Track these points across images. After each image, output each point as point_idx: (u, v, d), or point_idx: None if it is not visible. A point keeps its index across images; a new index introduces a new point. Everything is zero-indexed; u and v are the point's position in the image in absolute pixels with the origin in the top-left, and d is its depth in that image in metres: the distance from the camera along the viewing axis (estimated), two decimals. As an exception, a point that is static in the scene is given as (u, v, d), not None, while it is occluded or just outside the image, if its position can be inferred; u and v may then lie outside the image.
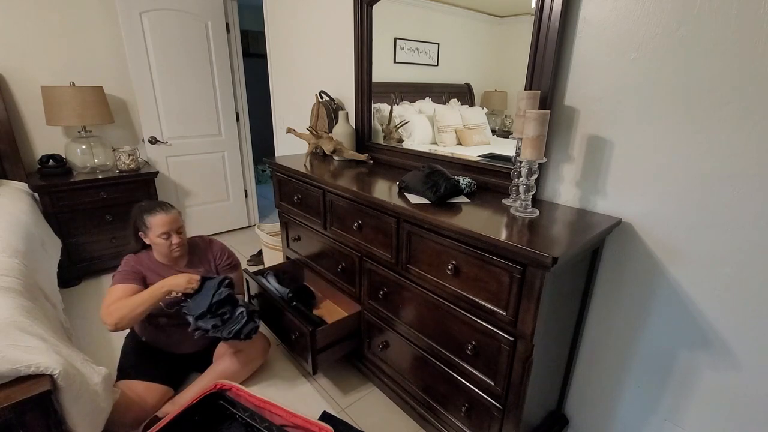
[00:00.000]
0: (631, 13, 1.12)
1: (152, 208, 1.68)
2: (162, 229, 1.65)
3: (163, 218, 1.66)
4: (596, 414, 1.50)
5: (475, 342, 1.24)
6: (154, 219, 1.65)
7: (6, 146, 2.54)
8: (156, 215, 1.66)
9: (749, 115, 0.98)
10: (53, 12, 2.66)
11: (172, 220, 1.68)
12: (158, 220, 1.65)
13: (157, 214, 1.66)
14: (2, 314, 1.19)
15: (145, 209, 1.69)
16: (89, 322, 2.27)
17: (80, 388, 1.13)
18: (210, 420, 1.48)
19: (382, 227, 1.47)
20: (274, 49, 2.93)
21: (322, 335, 1.64)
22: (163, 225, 1.66)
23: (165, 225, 1.66)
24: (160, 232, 1.65)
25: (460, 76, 1.71)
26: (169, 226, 1.67)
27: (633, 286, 1.29)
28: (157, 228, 1.65)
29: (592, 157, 1.28)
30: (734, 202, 1.04)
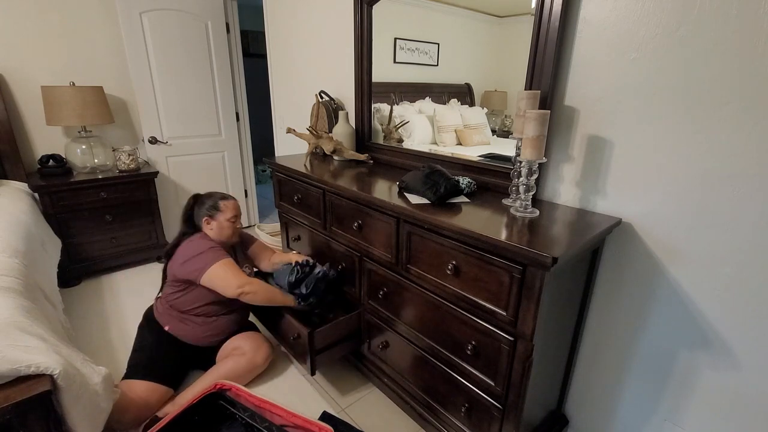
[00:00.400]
0: (631, 13, 1.12)
1: (224, 195, 1.87)
2: (233, 213, 1.83)
3: (235, 204, 1.86)
4: (596, 414, 1.50)
5: (475, 342, 1.24)
6: (228, 203, 1.83)
7: (6, 146, 2.54)
8: (229, 200, 1.85)
9: (749, 115, 0.98)
10: (53, 12, 2.66)
11: (239, 206, 1.89)
12: (232, 204, 1.84)
13: (229, 200, 1.85)
14: (2, 314, 1.19)
15: (215, 196, 1.85)
16: (89, 322, 2.27)
17: (80, 388, 1.13)
18: (210, 420, 1.48)
19: (382, 227, 1.47)
20: (274, 49, 2.93)
21: (321, 336, 1.64)
22: (235, 209, 1.85)
23: (236, 209, 1.86)
24: (231, 215, 1.82)
25: (460, 76, 1.71)
26: (238, 210, 1.87)
27: (633, 286, 1.29)
28: (229, 212, 1.82)
29: (592, 157, 1.28)
30: (734, 202, 1.04)
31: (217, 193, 1.88)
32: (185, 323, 1.77)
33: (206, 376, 1.72)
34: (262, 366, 1.84)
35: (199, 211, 1.82)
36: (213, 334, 1.81)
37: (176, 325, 1.77)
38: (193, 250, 1.73)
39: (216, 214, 1.80)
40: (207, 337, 1.80)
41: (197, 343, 1.79)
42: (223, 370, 1.73)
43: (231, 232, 1.83)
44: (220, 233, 1.81)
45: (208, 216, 1.80)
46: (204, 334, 1.79)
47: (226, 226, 1.81)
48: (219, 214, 1.80)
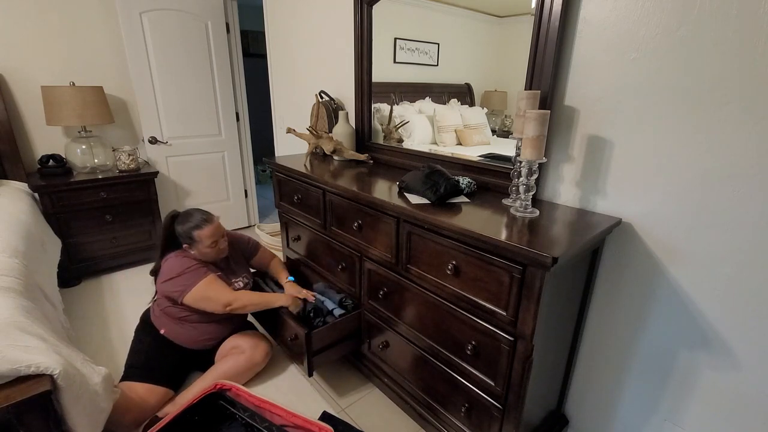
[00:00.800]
0: (631, 13, 1.12)
1: (198, 223, 1.69)
2: (211, 239, 1.70)
3: (210, 230, 1.70)
4: (596, 414, 1.50)
5: (475, 342, 1.24)
6: (202, 233, 1.68)
7: (6, 146, 2.54)
8: (204, 228, 1.69)
9: (749, 115, 0.98)
10: (53, 12, 2.66)
11: (217, 229, 1.74)
12: (207, 233, 1.69)
13: (204, 227, 1.69)
14: (2, 314, 1.19)
15: (191, 225, 1.69)
16: (89, 322, 2.27)
17: (80, 388, 1.13)
18: (210, 420, 1.48)
19: (382, 227, 1.47)
20: (274, 49, 2.93)
21: (318, 338, 1.64)
22: (212, 236, 1.71)
23: (213, 235, 1.71)
24: (209, 242, 1.70)
25: (460, 76, 1.71)
26: (217, 234, 1.73)
27: (633, 286, 1.29)
28: (206, 240, 1.69)
29: (592, 157, 1.28)
30: (734, 202, 1.04)
31: (195, 215, 1.73)
32: (181, 327, 1.76)
33: (206, 376, 1.72)
34: (262, 364, 1.84)
35: (178, 233, 1.73)
36: (209, 338, 1.80)
37: (172, 329, 1.76)
38: (175, 270, 1.68)
39: (193, 244, 1.71)
40: (203, 341, 1.79)
41: (193, 346, 1.78)
42: (222, 370, 1.73)
43: (214, 255, 1.75)
44: (204, 256, 1.74)
45: (187, 244, 1.72)
46: (200, 338, 1.78)
47: (207, 252, 1.72)
48: (197, 244, 1.70)
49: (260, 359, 1.82)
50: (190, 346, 1.78)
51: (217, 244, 1.74)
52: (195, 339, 1.77)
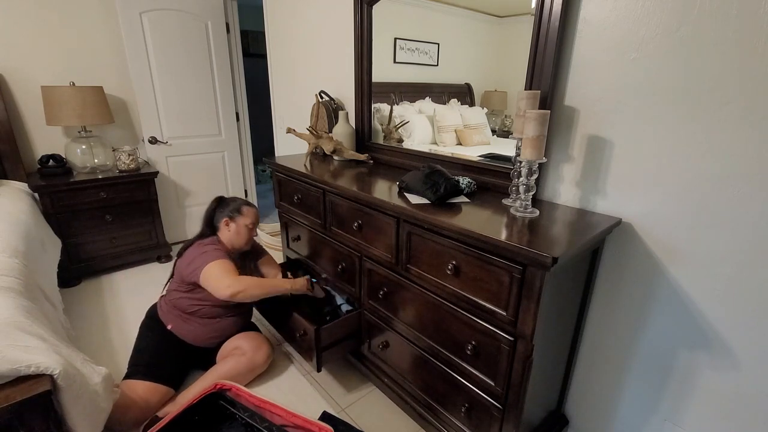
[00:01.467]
0: (631, 13, 1.12)
1: (248, 202, 1.94)
2: (252, 220, 1.90)
3: (256, 212, 1.93)
4: (596, 414, 1.50)
5: (475, 342, 1.24)
6: (250, 210, 1.91)
7: (6, 146, 2.54)
8: (252, 208, 1.92)
9: (749, 115, 0.98)
10: (53, 12, 2.66)
11: (258, 216, 1.95)
12: (253, 212, 1.91)
13: (252, 207, 1.92)
14: (2, 314, 1.19)
15: (239, 200, 1.93)
16: (89, 322, 2.27)
17: (80, 388, 1.13)
18: (210, 420, 1.48)
19: (382, 227, 1.47)
20: (274, 49, 2.93)
21: (327, 333, 1.65)
22: (255, 216, 1.92)
23: (256, 217, 1.92)
24: (250, 221, 1.88)
25: (460, 76, 1.71)
26: (257, 219, 1.94)
27: (633, 286, 1.29)
28: (248, 218, 1.88)
29: (592, 157, 1.28)
30: (734, 202, 1.04)
31: (241, 198, 1.97)
32: (188, 323, 1.77)
33: (207, 376, 1.72)
34: (263, 366, 1.84)
35: (221, 213, 1.88)
36: (215, 336, 1.81)
37: (179, 325, 1.77)
38: (199, 251, 1.75)
39: (237, 216, 1.86)
40: (209, 339, 1.80)
41: (199, 344, 1.79)
42: (223, 370, 1.73)
43: (247, 238, 1.89)
44: (236, 236, 1.86)
45: (228, 217, 1.86)
46: (206, 336, 1.79)
47: (244, 231, 1.87)
48: (240, 218, 1.86)
49: (261, 361, 1.82)
50: (196, 343, 1.78)
51: (254, 229, 1.91)
52: (201, 336, 1.78)
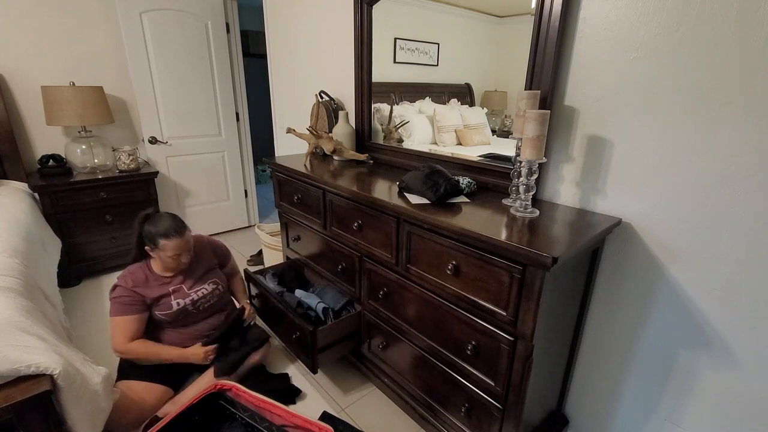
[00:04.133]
0: (631, 13, 1.12)
1: (167, 232, 1.63)
2: (174, 252, 1.65)
3: (178, 243, 1.64)
4: (596, 414, 1.50)
5: (475, 342, 1.24)
6: (169, 243, 1.63)
7: (6, 146, 2.54)
8: (171, 240, 1.63)
9: (750, 115, 0.98)
10: (53, 12, 2.66)
11: (185, 244, 1.68)
12: (173, 245, 1.64)
13: (172, 239, 1.63)
14: (2, 314, 1.19)
15: (159, 231, 1.63)
16: (89, 322, 2.27)
17: (80, 388, 1.13)
18: (210, 420, 1.48)
19: (382, 227, 1.47)
20: (274, 49, 2.93)
21: (323, 335, 1.64)
22: (177, 249, 1.65)
23: (178, 249, 1.66)
24: (172, 254, 1.65)
25: (460, 76, 1.71)
26: (182, 248, 1.67)
27: (633, 285, 1.29)
28: (170, 251, 1.64)
29: (592, 157, 1.28)
30: (734, 202, 1.04)
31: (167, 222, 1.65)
32: (162, 332, 1.74)
33: (206, 376, 1.72)
34: (260, 362, 1.84)
35: (145, 232, 1.66)
36: (196, 337, 1.77)
37: (158, 334, 1.74)
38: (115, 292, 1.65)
39: (155, 249, 1.66)
40: (191, 340, 1.75)
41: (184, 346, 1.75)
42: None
43: (175, 266, 1.70)
44: (164, 264, 1.70)
45: (150, 245, 1.67)
46: (185, 341, 1.74)
47: (168, 261, 1.67)
48: (158, 250, 1.65)
49: (258, 357, 1.82)
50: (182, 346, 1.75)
51: (179, 258, 1.68)
52: (180, 341, 1.74)
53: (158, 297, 1.68)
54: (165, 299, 1.70)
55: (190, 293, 1.76)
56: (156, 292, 1.68)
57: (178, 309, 1.71)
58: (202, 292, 1.79)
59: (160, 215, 1.69)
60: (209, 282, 1.84)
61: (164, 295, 1.70)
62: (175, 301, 1.71)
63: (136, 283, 1.66)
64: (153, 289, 1.68)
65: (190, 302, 1.74)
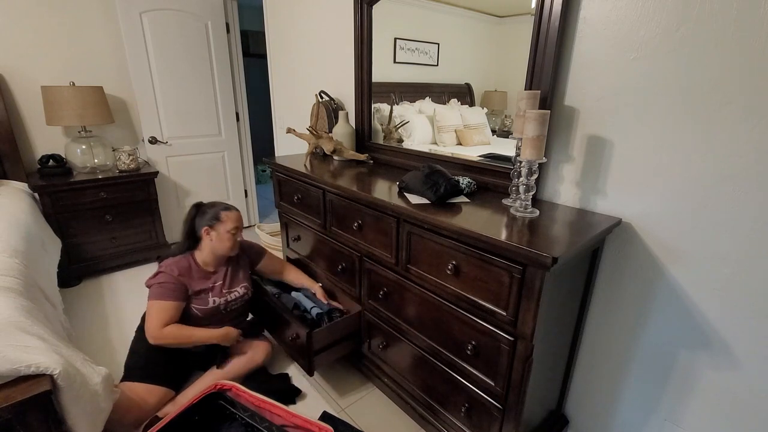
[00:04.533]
0: (631, 13, 1.12)
1: (226, 205, 1.78)
2: (234, 224, 1.74)
3: (237, 215, 1.78)
4: (596, 414, 1.50)
5: (475, 342, 1.24)
6: (230, 214, 1.75)
7: (6, 146, 2.54)
8: (232, 211, 1.76)
9: (750, 115, 0.98)
10: (53, 12, 2.66)
11: (241, 218, 1.80)
12: (234, 216, 1.76)
13: (232, 211, 1.77)
14: (2, 314, 1.19)
15: (218, 206, 1.76)
16: (89, 322, 2.27)
17: (80, 388, 1.13)
18: (210, 420, 1.48)
19: (382, 227, 1.47)
20: (274, 49, 2.93)
21: (319, 337, 1.64)
22: (237, 221, 1.76)
23: (238, 221, 1.77)
24: (232, 227, 1.74)
25: (460, 76, 1.71)
26: (240, 222, 1.78)
27: (633, 286, 1.29)
28: (230, 223, 1.73)
29: (592, 157, 1.28)
30: (734, 202, 1.04)
31: (220, 203, 1.80)
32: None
33: (206, 376, 1.72)
34: (262, 364, 1.84)
35: (201, 221, 1.74)
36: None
37: None
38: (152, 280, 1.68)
39: (216, 224, 1.72)
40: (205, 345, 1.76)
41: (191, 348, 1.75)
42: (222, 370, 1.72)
43: (231, 244, 1.76)
44: (219, 244, 1.74)
45: (208, 226, 1.72)
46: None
47: (226, 237, 1.73)
48: (219, 225, 1.72)
49: (260, 360, 1.82)
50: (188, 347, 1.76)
51: (237, 233, 1.77)
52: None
53: (199, 290, 1.72)
54: (204, 294, 1.73)
55: (225, 294, 1.79)
56: (198, 285, 1.72)
57: (213, 306, 1.74)
58: (234, 295, 1.82)
59: (210, 202, 1.81)
60: (242, 286, 1.87)
61: (204, 289, 1.74)
62: (212, 298, 1.74)
63: (181, 271, 1.71)
64: (196, 281, 1.73)
65: (224, 302, 1.77)
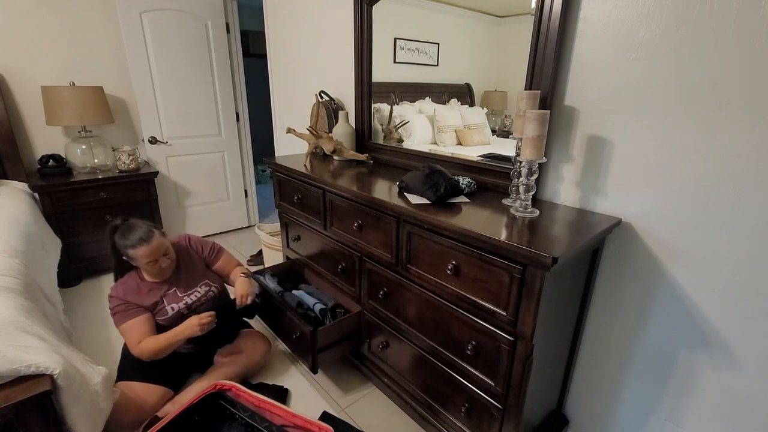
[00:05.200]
0: (631, 13, 1.12)
1: (133, 242, 1.57)
2: (148, 259, 1.60)
3: (147, 250, 1.58)
4: (596, 414, 1.50)
5: (475, 342, 1.24)
6: (138, 252, 1.58)
7: (6, 146, 2.54)
8: (138, 249, 1.57)
9: (750, 115, 0.98)
10: (53, 12, 2.66)
11: (155, 249, 1.61)
12: (142, 252, 1.58)
13: (139, 248, 1.57)
14: (2, 314, 1.19)
15: (126, 243, 1.58)
16: (89, 322, 2.27)
17: (80, 388, 1.13)
18: (210, 420, 1.48)
19: (382, 227, 1.47)
20: (274, 49, 2.93)
21: (323, 335, 1.65)
22: (148, 255, 1.60)
23: (150, 255, 1.60)
24: (146, 261, 1.61)
25: (460, 76, 1.71)
26: (155, 254, 1.62)
27: (633, 285, 1.29)
28: (142, 259, 1.60)
29: (592, 157, 1.28)
30: (734, 202, 1.04)
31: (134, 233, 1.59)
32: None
33: (206, 376, 1.72)
34: (261, 363, 1.84)
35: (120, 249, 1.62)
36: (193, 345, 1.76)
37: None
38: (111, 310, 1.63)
39: (133, 261, 1.63)
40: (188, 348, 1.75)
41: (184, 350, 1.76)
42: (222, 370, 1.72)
43: (157, 271, 1.66)
44: (147, 274, 1.68)
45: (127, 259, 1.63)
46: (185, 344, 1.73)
47: (148, 269, 1.64)
48: (135, 261, 1.62)
49: (259, 358, 1.82)
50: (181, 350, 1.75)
51: (157, 263, 1.63)
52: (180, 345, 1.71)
53: (153, 303, 1.67)
54: (160, 305, 1.69)
55: (183, 297, 1.74)
56: (150, 299, 1.67)
57: (174, 313, 1.70)
58: (195, 295, 1.77)
59: (128, 225, 1.62)
60: (201, 284, 1.81)
61: (158, 301, 1.68)
62: (169, 306, 1.69)
63: (127, 292, 1.65)
64: (145, 297, 1.67)
65: (184, 306, 1.73)
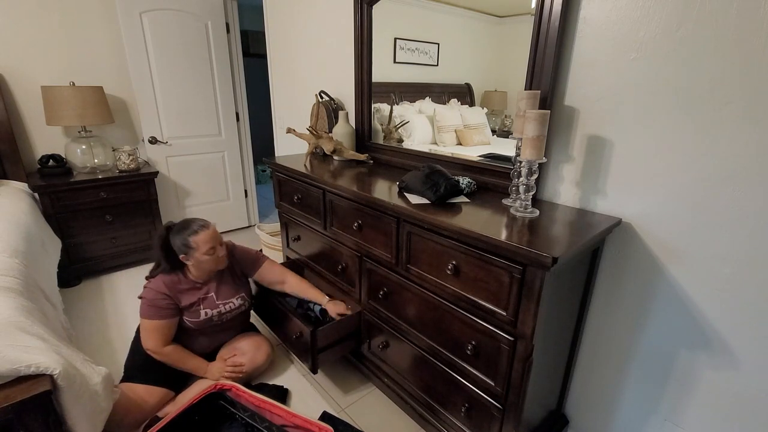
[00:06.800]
0: (631, 14, 1.12)
1: (193, 229, 1.63)
2: (209, 245, 1.63)
3: (207, 234, 1.64)
4: (596, 414, 1.50)
5: (475, 342, 1.24)
6: (198, 238, 1.61)
7: (6, 146, 2.54)
8: (200, 234, 1.62)
9: (750, 115, 0.98)
10: (53, 12, 2.66)
11: (215, 234, 1.67)
12: (204, 238, 1.62)
13: (200, 233, 1.62)
14: (2, 314, 1.19)
15: (185, 231, 1.62)
16: (89, 322, 2.27)
17: (80, 388, 1.13)
18: (210, 420, 1.48)
19: (382, 227, 1.47)
20: (274, 49, 2.93)
21: (323, 335, 1.65)
22: (210, 241, 1.64)
23: (211, 240, 1.64)
24: (207, 248, 1.63)
25: (460, 76, 1.71)
26: (215, 239, 1.67)
27: (633, 286, 1.29)
28: (203, 246, 1.62)
29: (592, 157, 1.28)
30: (734, 202, 1.04)
31: (190, 223, 1.65)
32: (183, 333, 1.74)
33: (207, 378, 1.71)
34: (263, 366, 1.84)
35: (174, 243, 1.64)
36: (205, 347, 1.79)
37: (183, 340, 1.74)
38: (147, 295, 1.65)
39: (189, 251, 1.63)
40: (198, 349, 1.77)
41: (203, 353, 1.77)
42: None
43: (213, 264, 1.69)
44: (200, 268, 1.68)
45: (183, 253, 1.64)
46: (194, 346, 1.75)
47: (204, 260, 1.65)
48: (193, 251, 1.62)
49: (261, 361, 1.82)
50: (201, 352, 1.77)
51: (216, 251, 1.66)
52: (189, 346, 1.74)
53: (190, 304, 1.69)
54: (195, 306, 1.70)
55: (219, 305, 1.75)
56: (188, 299, 1.69)
57: (206, 318, 1.71)
58: (229, 306, 1.78)
59: (182, 221, 1.68)
60: (238, 297, 1.82)
61: (195, 302, 1.70)
62: (203, 310, 1.71)
63: (168, 287, 1.66)
64: (185, 295, 1.68)
65: (216, 313, 1.74)
